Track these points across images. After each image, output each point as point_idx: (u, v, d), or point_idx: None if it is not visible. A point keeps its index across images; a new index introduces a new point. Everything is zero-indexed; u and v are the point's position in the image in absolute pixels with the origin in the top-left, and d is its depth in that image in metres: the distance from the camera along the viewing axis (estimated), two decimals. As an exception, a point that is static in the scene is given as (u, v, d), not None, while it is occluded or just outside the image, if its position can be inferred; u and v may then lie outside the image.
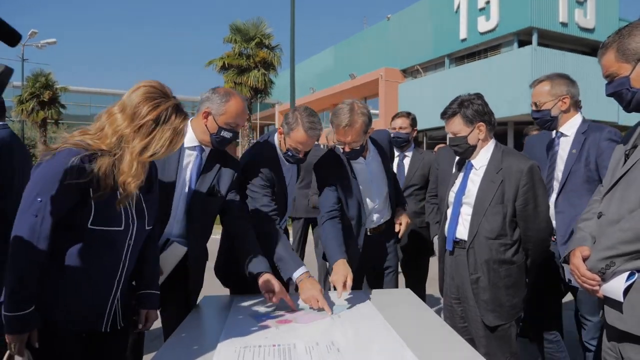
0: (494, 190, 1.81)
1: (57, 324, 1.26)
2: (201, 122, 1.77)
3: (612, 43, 1.30)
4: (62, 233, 1.24)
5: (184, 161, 1.78)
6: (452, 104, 1.90)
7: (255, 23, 17.36)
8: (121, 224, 1.32)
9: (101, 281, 1.33)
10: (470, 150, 1.91)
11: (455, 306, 1.96)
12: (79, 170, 1.20)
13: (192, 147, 1.81)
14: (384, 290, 2.21)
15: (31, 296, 1.20)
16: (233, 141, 1.83)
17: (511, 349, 1.82)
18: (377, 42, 19.66)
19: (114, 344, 1.44)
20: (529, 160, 1.86)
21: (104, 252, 1.31)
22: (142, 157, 1.26)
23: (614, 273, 1.23)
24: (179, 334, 1.51)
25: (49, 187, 1.19)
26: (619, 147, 1.43)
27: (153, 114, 1.26)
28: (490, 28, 14.90)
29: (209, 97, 1.78)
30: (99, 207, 1.26)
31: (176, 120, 1.29)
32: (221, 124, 1.75)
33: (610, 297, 1.26)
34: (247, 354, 1.30)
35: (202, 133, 1.78)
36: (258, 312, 1.71)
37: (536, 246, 1.85)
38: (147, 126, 1.26)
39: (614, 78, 1.32)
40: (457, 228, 1.91)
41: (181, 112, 1.32)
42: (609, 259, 1.23)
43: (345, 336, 1.48)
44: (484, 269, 1.81)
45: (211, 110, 1.75)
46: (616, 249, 1.22)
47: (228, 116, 1.75)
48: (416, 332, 1.47)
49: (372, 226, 2.25)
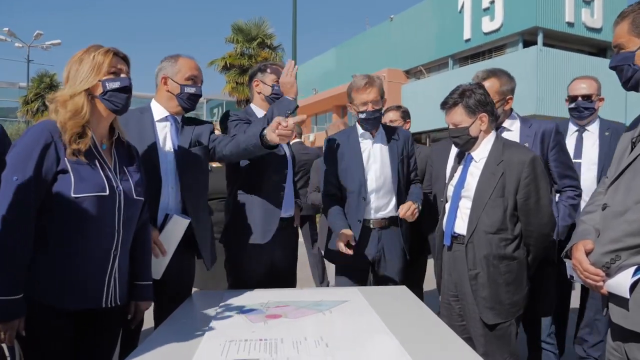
0: (494, 183, 1.75)
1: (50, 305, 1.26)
2: (163, 90, 1.83)
3: (630, 13, 1.24)
4: (48, 210, 1.25)
5: (159, 135, 1.80)
6: (453, 94, 1.85)
7: (257, 23, 17.42)
8: (105, 188, 1.32)
9: (96, 255, 1.32)
10: (472, 142, 1.84)
11: (453, 304, 1.89)
12: (47, 139, 1.25)
13: (164, 118, 1.84)
14: (378, 287, 2.15)
15: (19, 281, 1.19)
16: (199, 97, 1.87)
17: (511, 349, 1.75)
18: (379, 42, 19.61)
19: (113, 321, 1.44)
20: (531, 152, 1.80)
21: (95, 224, 1.30)
22: (70, 92, 1.32)
23: (619, 268, 1.17)
24: (165, 327, 1.48)
25: (23, 164, 1.21)
26: (625, 135, 1.37)
27: (74, 60, 1.36)
28: (495, 28, 14.80)
29: (160, 67, 1.86)
30: (77, 173, 1.28)
31: (95, 54, 1.36)
32: (181, 82, 1.81)
33: (615, 293, 1.19)
34: (232, 347, 1.26)
35: (168, 100, 1.83)
36: (247, 308, 1.66)
37: (538, 242, 1.79)
38: (72, 73, 1.35)
39: (620, 50, 1.26)
40: (456, 222, 1.84)
41: (102, 47, 1.38)
42: (614, 253, 1.17)
43: (335, 332, 1.42)
44: (483, 265, 1.74)
45: (167, 74, 1.82)
46: (622, 241, 1.16)
47: (184, 71, 1.82)
48: (410, 329, 1.42)
49: (376, 217, 2.20)
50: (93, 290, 1.33)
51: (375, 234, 2.20)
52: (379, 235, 2.20)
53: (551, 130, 2.12)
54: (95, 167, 1.33)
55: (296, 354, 1.21)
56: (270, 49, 17.46)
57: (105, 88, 1.35)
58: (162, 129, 1.82)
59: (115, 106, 1.38)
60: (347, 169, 2.20)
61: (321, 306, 1.66)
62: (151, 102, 1.88)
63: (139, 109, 1.84)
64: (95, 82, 1.34)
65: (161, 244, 1.69)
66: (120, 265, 1.39)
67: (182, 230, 1.75)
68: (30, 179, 1.21)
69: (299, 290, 1.99)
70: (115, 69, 1.37)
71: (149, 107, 1.86)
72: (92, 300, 1.34)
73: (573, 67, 12.58)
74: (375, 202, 2.20)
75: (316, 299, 1.76)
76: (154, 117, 1.82)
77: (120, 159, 1.44)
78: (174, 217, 1.72)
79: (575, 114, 2.45)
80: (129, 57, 1.45)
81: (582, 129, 2.46)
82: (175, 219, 1.72)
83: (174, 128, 1.84)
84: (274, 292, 1.89)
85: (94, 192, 1.29)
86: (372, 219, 2.19)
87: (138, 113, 1.80)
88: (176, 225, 1.72)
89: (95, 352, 1.41)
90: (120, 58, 1.40)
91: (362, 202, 2.16)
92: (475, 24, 15.41)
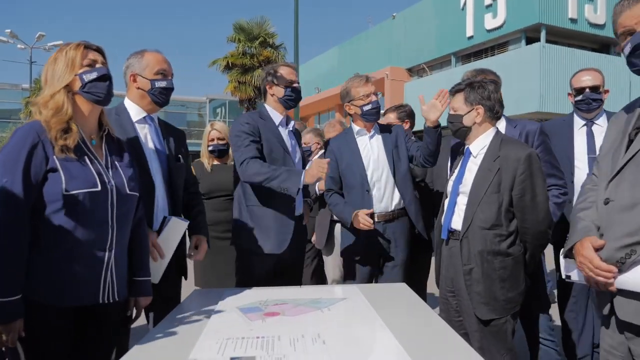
0: (490, 178, 1.76)
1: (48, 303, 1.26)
2: (133, 88, 1.78)
3: None
4: (41, 208, 1.25)
5: (140, 136, 1.77)
6: (462, 82, 1.93)
7: (259, 22, 17.38)
8: (96, 184, 1.32)
9: (91, 251, 1.32)
10: (463, 132, 1.87)
11: (450, 299, 1.90)
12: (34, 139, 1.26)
13: (142, 119, 1.80)
14: (378, 284, 2.16)
15: (17, 283, 1.20)
16: (171, 91, 1.83)
17: (506, 345, 1.75)
18: (382, 41, 19.55)
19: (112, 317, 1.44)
20: (528, 148, 1.80)
21: (88, 220, 1.31)
22: (50, 91, 1.32)
23: (634, 263, 1.14)
24: (163, 325, 1.48)
25: (13, 166, 1.21)
26: (612, 127, 1.34)
27: (50, 62, 1.36)
28: (498, 25, 14.72)
29: (127, 64, 1.80)
30: (67, 170, 1.28)
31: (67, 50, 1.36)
32: (150, 77, 1.75)
33: (629, 289, 1.16)
34: (229, 345, 1.26)
35: (140, 98, 1.78)
36: (246, 306, 1.67)
37: (534, 239, 1.78)
38: (49, 74, 1.36)
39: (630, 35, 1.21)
40: (453, 218, 1.85)
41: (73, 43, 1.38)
42: (629, 247, 1.14)
43: (333, 329, 1.43)
44: (477, 260, 1.75)
45: (135, 70, 1.77)
46: (638, 235, 1.13)
47: (152, 66, 1.76)
48: (408, 327, 1.42)
49: (379, 210, 2.26)
50: (89, 286, 1.34)
51: (380, 227, 2.25)
52: (383, 229, 2.25)
53: (535, 130, 2.18)
54: (86, 163, 1.33)
55: (293, 351, 1.21)
56: (272, 48, 17.44)
57: (83, 81, 1.35)
58: (142, 130, 1.79)
59: (97, 97, 1.38)
60: (349, 167, 2.29)
61: (320, 304, 1.66)
62: (124, 102, 1.82)
63: (114, 109, 1.78)
64: (72, 77, 1.34)
65: (159, 247, 1.68)
66: (117, 261, 1.39)
67: (181, 233, 1.75)
68: (21, 180, 1.21)
69: (298, 288, 2.00)
70: (90, 61, 1.37)
71: (124, 107, 1.80)
72: (89, 296, 1.34)
73: (576, 63, 12.48)
74: (376, 195, 2.26)
75: (315, 296, 1.77)
76: (131, 117, 1.77)
77: (111, 154, 1.44)
78: (173, 219, 1.71)
79: (584, 106, 2.36)
80: (103, 48, 1.44)
81: (590, 122, 2.39)
82: (175, 221, 1.71)
83: (153, 129, 1.82)
84: (273, 290, 1.90)
85: (85, 188, 1.30)
86: (377, 213, 2.25)
87: (114, 115, 1.75)
88: (175, 227, 1.71)
89: (94, 348, 1.41)
90: (93, 50, 1.40)
91: (366, 195, 2.25)
92: (478, 21, 15.33)
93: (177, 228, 1.72)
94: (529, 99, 12.35)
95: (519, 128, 2.19)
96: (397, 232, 2.28)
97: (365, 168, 2.27)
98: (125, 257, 1.46)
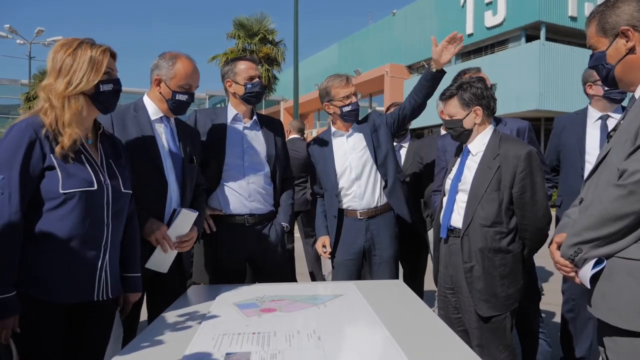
0: (490, 176, 1.75)
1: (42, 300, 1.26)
2: (155, 90, 1.77)
3: (596, 14, 1.26)
4: (37, 206, 1.25)
5: (156, 134, 1.77)
6: (452, 86, 1.89)
7: (259, 18, 17.32)
8: (93, 183, 1.32)
9: (86, 249, 1.32)
10: (466, 135, 1.87)
11: (449, 296, 1.90)
12: (31, 137, 1.24)
13: (158, 118, 1.80)
14: (375, 281, 2.16)
15: (11, 279, 1.19)
16: (190, 104, 1.83)
17: (505, 341, 1.75)
18: (382, 37, 19.52)
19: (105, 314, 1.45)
20: (527, 146, 1.80)
21: (84, 218, 1.31)
22: (67, 91, 1.30)
23: (585, 260, 1.17)
24: (159, 320, 1.48)
25: (9, 162, 1.20)
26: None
27: (68, 52, 1.32)
28: (497, 23, 14.70)
29: (157, 64, 1.78)
30: (64, 169, 1.28)
31: (92, 51, 1.33)
32: (174, 88, 1.75)
33: (584, 284, 1.20)
34: (225, 341, 1.26)
35: (159, 102, 1.79)
36: (243, 302, 1.67)
37: (533, 236, 1.78)
38: (65, 65, 1.31)
39: (594, 51, 1.28)
40: (452, 216, 1.85)
41: (97, 45, 1.37)
42: (576, 246, 1.18)
43: (328, 325, 1.42)
44: (478, 258, 1.75)
45: (161, 76, 1.76)
46: (581, 235, 1.17)
47: (179, 78, 1.75)
48: (404, 324, 1.41)
49: (362, 207, 2.26)
50: (84, 283, 1.34)
51: (363, 224, 2.25)
52: (366, 226, 2.26)
53: (524, 128, 2.23)
54: (82, 162, 1.33)
55: (288, 347, 1.21)
56: (272, 45, 17.38)
57: (99, 90, 1.34)
58: (158, 129, 1.79)
59: (104, 107, 1.40)
60: (323, 169, 2.34)
61: (316, 300, 1.66)
62: (144, 99, 1.83)
63: (133, 106, 1.79)
64: (94, 83, 1.33)
65: (169, 239, 1.70)
66: (111, 258, 1.40)
67: (190, 224, 1.76)
68: (17, 177, 1.20)
69: (294, 285, 2.00)
70: (109, 69, 1.37)
71: (142, 104, 1.81)
72: (83, 293, 1.34)
73: (576, 61, 12.47)
74: (358, 192, 2.26)
75: (312, 293, 1.77)
76: (150, 116, 1.78)
77: (106, 153, 1.44)
78: (183, 210, 1.73)
79: (618, 95, 2.22)
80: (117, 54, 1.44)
81: (605, 116, 2.29)
82: (184, 213, 1.73)
83: (169, 129, 1.82)
84: (270, 286, 1.89)
85: (82, 188, 1.29)
86: (359, 210, 2.26)
87: (133, 112, 1.76)
88: (185, 218, 1.74)
89: (88, 345, 1.41)
90: (112, 57, 1.40)
91: (334, 199, 2.29)
92: (478, 19, 15.30)
93: (186, 219, 1.74)
94: (529, 97, 12.35)
95: (509, 126, 2.23)
96: (381, 228, 2.27)
97: (337, 173, 2.28)
98: (118, 253, 1.46)
